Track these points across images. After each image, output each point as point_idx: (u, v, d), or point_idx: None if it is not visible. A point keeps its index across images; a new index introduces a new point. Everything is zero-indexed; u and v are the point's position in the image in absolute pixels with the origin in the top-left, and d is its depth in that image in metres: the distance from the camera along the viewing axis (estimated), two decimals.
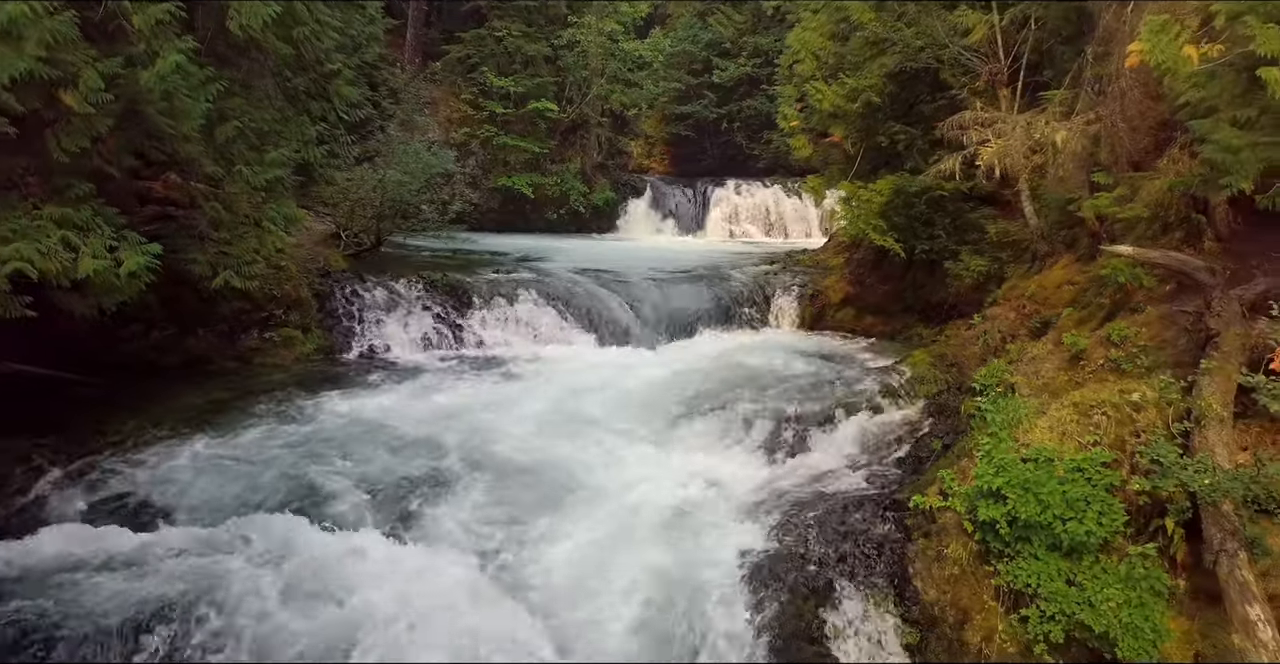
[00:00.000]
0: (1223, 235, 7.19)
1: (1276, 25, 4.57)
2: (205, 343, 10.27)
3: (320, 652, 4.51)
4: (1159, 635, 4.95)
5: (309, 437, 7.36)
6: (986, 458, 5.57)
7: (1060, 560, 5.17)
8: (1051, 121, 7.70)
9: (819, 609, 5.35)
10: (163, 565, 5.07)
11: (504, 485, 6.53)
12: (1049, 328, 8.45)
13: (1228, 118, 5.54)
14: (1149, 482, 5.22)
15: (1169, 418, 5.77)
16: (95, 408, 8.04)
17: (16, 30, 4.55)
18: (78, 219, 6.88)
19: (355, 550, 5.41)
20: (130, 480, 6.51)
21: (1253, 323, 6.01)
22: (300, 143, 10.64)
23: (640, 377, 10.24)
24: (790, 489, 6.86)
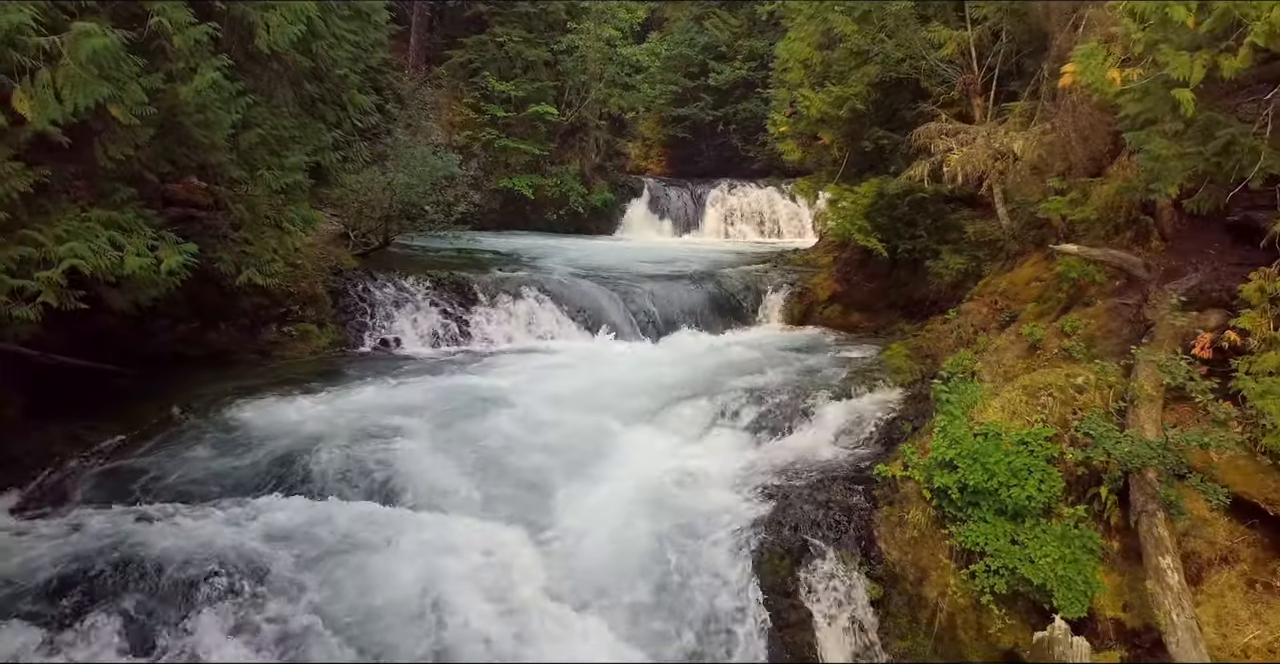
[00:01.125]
0: (1168, 235, 7.86)
1: (1186, 52, 5.24)
2: (228, 337, 10.94)
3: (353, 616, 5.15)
4: (1090, 587, 5.63)
5: (332, 420, 8.02)
6: (942, 433, 6.25)
7: (1005, 523, 5.85)
8: (1011, 131, 8.39)
9: (794, 568, 6.03)
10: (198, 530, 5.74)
11: (515, 463, 7.20)
12: (1015, 321, 9.12)
13: (1158, 130, 6.22)
14: (1083, 452, 5.90)
15: (1108, 398, 6.44)
16: (131, 395, 8.69)
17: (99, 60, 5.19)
18: (122, 220, 7.52)
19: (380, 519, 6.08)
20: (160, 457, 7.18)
21: (1185, 313, 6.69)
22: (316, 148, 11.30)
23: (637, 368, 10.94)
24: (773, 466, 7.53)
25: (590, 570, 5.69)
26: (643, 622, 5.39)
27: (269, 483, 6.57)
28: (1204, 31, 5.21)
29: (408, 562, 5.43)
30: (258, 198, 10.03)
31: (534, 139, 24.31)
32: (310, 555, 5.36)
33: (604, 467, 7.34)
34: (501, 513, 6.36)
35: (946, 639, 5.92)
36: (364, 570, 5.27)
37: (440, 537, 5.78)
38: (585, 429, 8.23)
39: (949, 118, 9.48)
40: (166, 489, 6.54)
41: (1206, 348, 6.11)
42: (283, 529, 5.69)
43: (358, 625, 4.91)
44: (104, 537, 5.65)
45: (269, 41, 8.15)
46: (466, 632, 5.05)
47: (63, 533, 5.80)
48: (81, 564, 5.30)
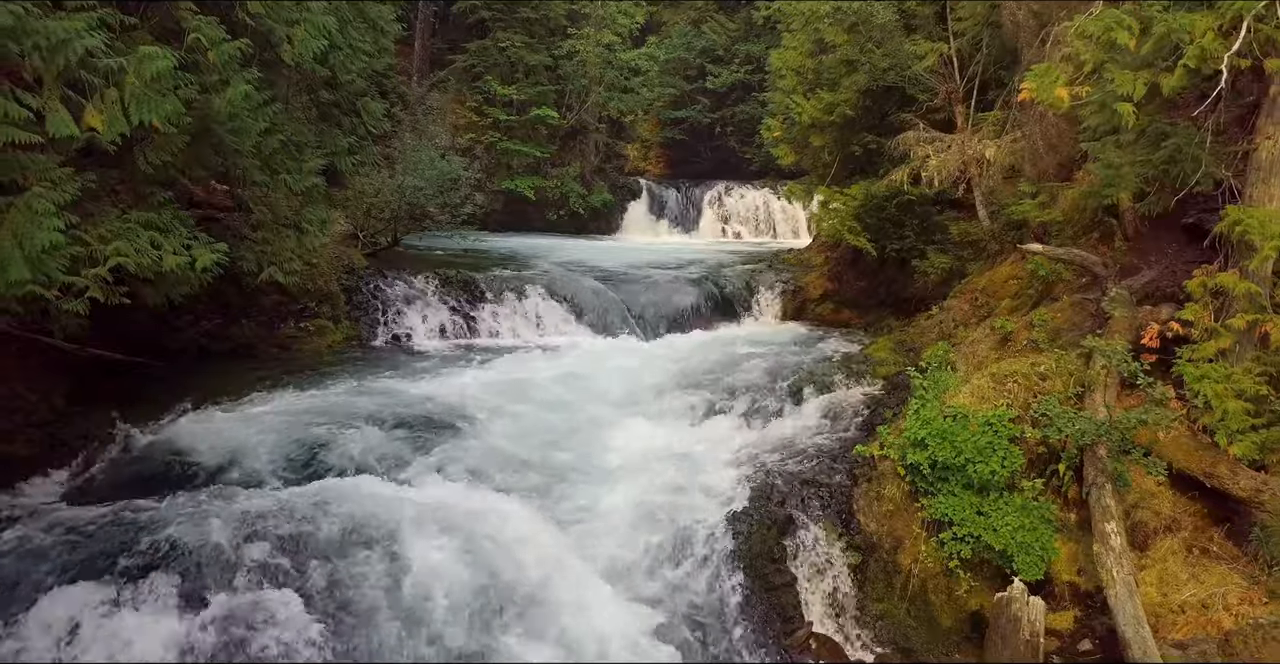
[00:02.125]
0: (1130, 236, 8.47)
1: (1130, 71, 5.84)
2: (249, 332, 11.50)
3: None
4: (1047, 553, 6.23)
5: (356, 406, 8.61)
6: (915, 415, 6.86)
7: (972, 496, 6.45)
8: (985, 139, 9.00)
9: (780, 537, 6.63)
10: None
11: (530, 444, 7.81)
12: (992, 316, 9.73)
13: (1113, 140, 6.83)
14: (1041, 431, 6.50)
15: (1068, 384, 7.05)
16: (163, 385, 9.26)
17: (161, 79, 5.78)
18: (159, 221, 8.10)
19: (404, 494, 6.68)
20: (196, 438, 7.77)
21: (1140, 307, 7.30)
22: (331, 153, 11.89)
23: (637, 361, 11.54)
24: (763, 449, 8.13)
25: (602, 536, 6.31)
26: (647, 581, 5.99)
27: (303, 461, 7.17)
28: (1145, 53, 5.82)
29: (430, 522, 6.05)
30: (278, 200, 10.62)
31: (535, 142, 24.89)
32: (345, 522, 5.95)
33: (609, 449, 7.95)
34: (520, 486, 6.97)
35: (919, 601, 6.52)
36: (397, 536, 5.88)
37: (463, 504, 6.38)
38: (591, 416, 8.84)
39: (926, 126, 10.08)
40: (206, 466, 7.12)
41: (1154, 337, 6.72)
42: (315, 500, 6.28)
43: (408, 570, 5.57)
44: (151, 509, 6.23)
45: (294, 55, 8.73)
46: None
47: (113, 507, 6.37)
48: (135, 533, 5.88)
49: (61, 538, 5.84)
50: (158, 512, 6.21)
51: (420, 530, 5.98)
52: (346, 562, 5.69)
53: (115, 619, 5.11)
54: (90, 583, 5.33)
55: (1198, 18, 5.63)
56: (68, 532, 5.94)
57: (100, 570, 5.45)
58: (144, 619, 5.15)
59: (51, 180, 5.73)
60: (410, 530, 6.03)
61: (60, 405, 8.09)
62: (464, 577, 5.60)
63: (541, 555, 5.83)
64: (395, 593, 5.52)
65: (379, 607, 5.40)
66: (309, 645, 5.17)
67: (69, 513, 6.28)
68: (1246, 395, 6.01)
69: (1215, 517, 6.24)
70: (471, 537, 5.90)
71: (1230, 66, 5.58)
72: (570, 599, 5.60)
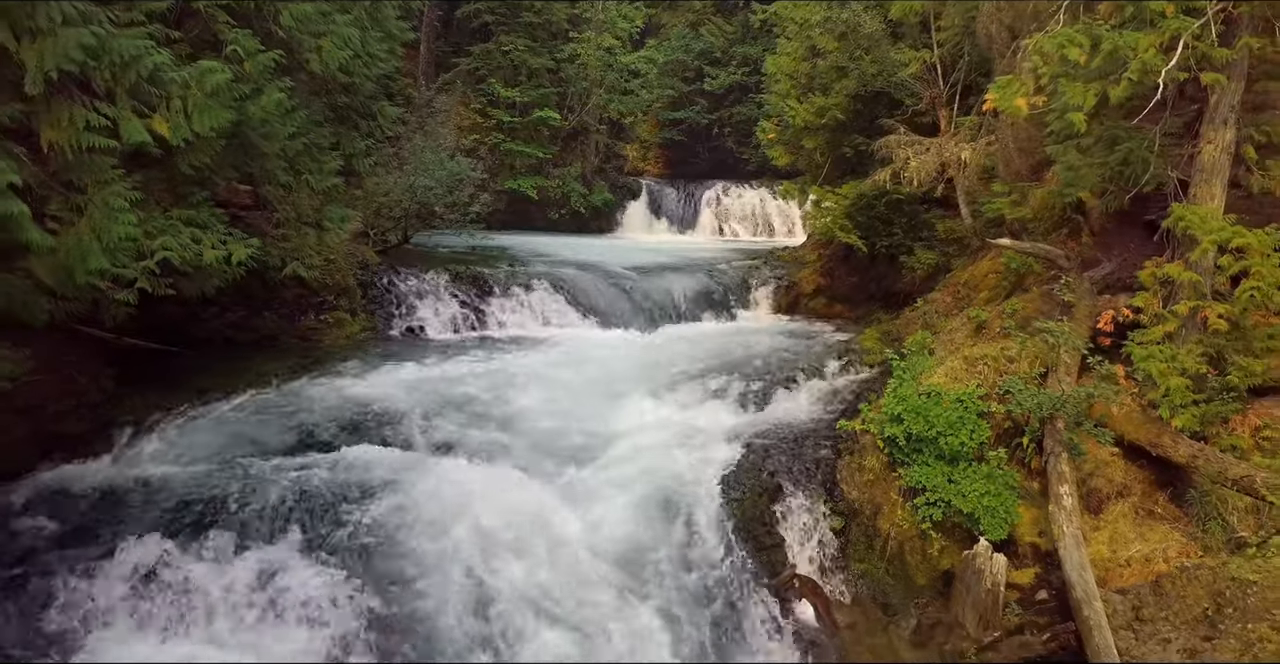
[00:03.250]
0: (1095, 231, 9.16)
1: (1081, 83, 6.53)
2: (271, 323, 12.17)
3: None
4: (1010, 516, 6.92)
5: (380, 390, 9.29)
6: (893, 393, 7.54)
7: (944, 465, 7.14)
8: (961, 143, 9.68)
9: (770, 503, 7.32)
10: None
11: (543, 425, 8.50)
12: (970, 306, 10.41)
13: (1073, 144, 7.52)
14: (1005, 406, 7.19)
15: (1033, 366, 7.74)
16: (196, 372, 9.91)
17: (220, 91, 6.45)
18: (198, 219, 8.77)
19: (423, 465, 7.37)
20: (236, 416, 8.45)
21: (1100, 296, 7.99)
22: (349, 155, 12.55)
23: (639, 351, 12.22)
24: (757, 429, 8.79)
25: (608, 499, 7.00)
26: (650, 541, 6.67)
27: (337, 437, 7.85)
28: (1095, 67, 6.51)
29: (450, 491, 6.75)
30: (301, 199, 11.29)
31: (537, 143, 25.58)
32: (391, 486, 6.65)
33: (613, 427, 8.63)
34: (532, 458, 7.66)
35: (896, 561, 7.21)
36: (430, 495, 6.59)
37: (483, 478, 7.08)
38: (598, 400, 9.51)
39: (907, 130, 10.76)
40: (250, 440, 7.80)
41: (1109, 323, 7.41)
42: (357, 472, 6.97)
43: (405, 528, 6.25)
44: (203, 478, 6.91)
45: (321, 65, 9.40)
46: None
47: (167, 477, 7.06)
48: (191, 496, 6.57)
49: (127, 500, 6.54)
50: (208, 478, 6.90)
51: (441, 496, 6.67)
52: (378, 523, 6.38)
53: (183, 566, 5.79)
54: (157, 535, 6.01)
55: (1141, 36, 6.31)
56: (131, 494, 6.63)
57: (165, 526, 6.14)
58: (208, 567, 5.83)
59: (106, 181, 6.39)
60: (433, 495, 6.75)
61: (109, 388, 8.74)
62: (481, 521, 6.32)
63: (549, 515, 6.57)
64: (421, 535, 6.23)
65: (408, 552, 6.10)
66: (343, 591, 5.84)
67: (129, 480, 6.96)
68: (1189, 373, 6.69)
69: (1161, 482, 6.92)
70: (486, 494, 6.63)
71: (1169, 80, 6.27)
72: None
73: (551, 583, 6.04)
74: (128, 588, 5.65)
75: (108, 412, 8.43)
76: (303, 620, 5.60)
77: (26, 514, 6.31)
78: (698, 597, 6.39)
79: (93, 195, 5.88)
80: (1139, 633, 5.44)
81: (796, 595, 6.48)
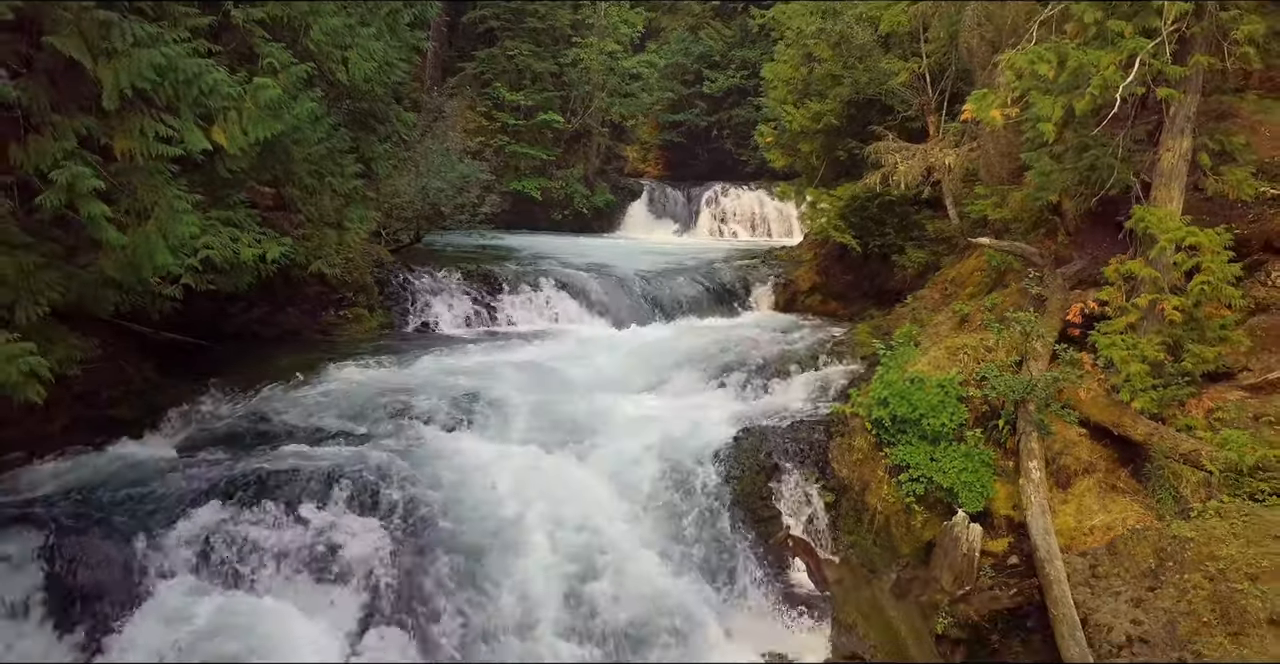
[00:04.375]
0: (1071, 231, 9.83)
1: (1050, 96, 7.20)
2: (294, 319, 12.83)
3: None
4: (986, 490, 7.59)
5: (403, 379, 9.96)
6: (880, 379, 8.22)
7: (926, 445, 7.81)
8: (945, 148, 10.36)
9: (767, 480, 8.00)
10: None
11: (557, 410, 9.16)
12: (955, 301, 11.08)
13: (1046, 151, 8.19)
14: (981, 391, 7.87)
15: (1010, 355, 8.42)
16: (226, 364, 10.56)
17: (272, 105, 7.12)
18: (235, 219, 9.43)
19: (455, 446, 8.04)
20: (274, 402, 9.11)
21: (1071, 291, 8.67)
22: (369, 158, 13.20)
23: (643, 345, 12.86)
24: (755, 414, 9.45)
25: (619, 475, 7.68)
26: (660, 513, 7.36)
27: (368, 419, 8.51)
28: (1062, 82, 7.18)
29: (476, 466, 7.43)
30: (324, 201, 11.95)
31: (541, 145, 26.26)
32: (422, 463, 7.32)
33: (621, 412, 9.29)
34: (548, 439, 8.34)
35: (883, 533, 7.89)
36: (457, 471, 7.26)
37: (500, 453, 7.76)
38: (604, 387, 10.19)
39: (895, 136, 11.44)
40: (283, 422, 8.47)
41: (1077, 315, 8.08)
42: (389, 451, 7.64)
43: (448, 499, 6.94)
44: (253, 456, 7.59)
45: (348, 76, 10.06)
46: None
47: (215, 454, 7.74)
48: (242, 470, 7.22)
49: (184, 473, 7.19)
50: (254, 456, 7.57)
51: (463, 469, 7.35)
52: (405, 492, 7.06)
53: (240, 531, 6.45)
54: (215, 505, 6.67)
55: (1103, 54, 6.98)
56: (188, 469, 7.30)
57: (221, 496, 6.78)
58: (262, 531, 6.50)
59: (168, 185, 7.06)
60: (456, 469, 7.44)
61: (153, 377, 9.40)
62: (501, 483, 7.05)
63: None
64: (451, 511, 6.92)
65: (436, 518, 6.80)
66: (379, 548, 6.53)
67: (183, 457, 7.63)
68: (1148, 360, 7.35)
69: (1123, 460, 7.59)
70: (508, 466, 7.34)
71: (1127, 94, 6.94)
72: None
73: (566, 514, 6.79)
74: (193, 547, 6.31)
75: (155, 398, 9.08)
76: (348, 577, 6.27)
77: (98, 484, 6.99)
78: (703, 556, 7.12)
79: (158, 198, 6.52)
80: (1095, 587, 6.10)
81: (790, 554, 7.15)
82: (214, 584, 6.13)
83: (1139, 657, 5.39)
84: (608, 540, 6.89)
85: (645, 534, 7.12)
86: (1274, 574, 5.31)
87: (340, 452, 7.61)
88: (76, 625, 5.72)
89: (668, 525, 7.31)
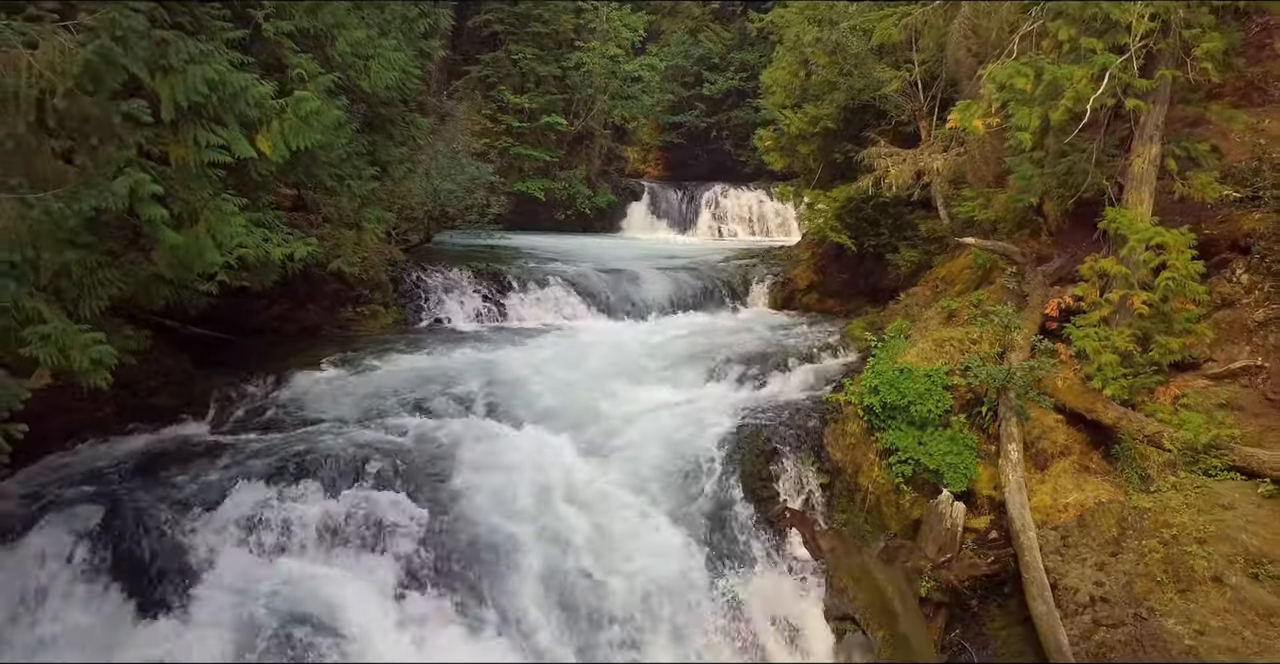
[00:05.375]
0: (1053, 231, 10.44)
1: (1027, 107, 7.80)
2: (314, 315, 13.40)
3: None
4: (970, 471, 8.18)
5: (420, 369, 10.55)
6: (871, 369, 8.82)
7: (914, 430, 8.41)
8: (934, 153, 10.98)
9: (767, 464, 8.60)
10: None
11: (569, 398, 9.76)
12: (944, 297, 11.69)
13: (1026, 157, 8.80)
14: (965, 379, 8.47)
15: (993, 346, 9.02)
16: (254, 357, 11.14)
17: (311, 116, 7.72)
18: (265, 220, 10.02)
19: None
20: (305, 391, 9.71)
21: (1051, 287, 9.27)
22: (384, 161, 13.78)
23: (647, 341, 13.45)
24: (754, 404, 10.05)
25: (628, 460, 8.29)
26: (671, 492, 7.97)
27: (391, 406, 9.11)
28: (1039, 94, 7.78)
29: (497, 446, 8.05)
30: (342, 202, 12.53)
31: (545, 147, 26.86)
32: (445, 444, 7.92)
33: (628, 402, 9.90)
34: (559, 425, 8.94)
35: (874, 512, 8.49)
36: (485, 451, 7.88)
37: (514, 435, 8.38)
38: (612, 379, 10.77)
39: (887, 142, 12.06)
40: (314, 409, 9.07)
41: (1054, 309, 8.69)
42: (415, 434, 8.24)
43: (472, 475, 7.56)
44: (289, 440, 8.19)
45: (371, 84, 10.65)
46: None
47: (254, 438, 8.34)
48: (281, 452, 7.82)
49: (228, 456, 7.80)
50: (291, 439, 8.16)
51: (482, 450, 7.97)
52: (432, 470, 7.67)
53: (284, 507, 7.05)
54: (259, 484, 7.28)
55: (1076, 69, 7.58)
56: (231, 452, 7.90)
57: (264, 476, 7.39)
58: (302, 506, 7.09)
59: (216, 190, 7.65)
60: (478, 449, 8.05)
61: (189, 368, 9.98)
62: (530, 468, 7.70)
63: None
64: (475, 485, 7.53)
65: (461, 485, 7.44)
66: (413, 518, 7.14)
67: (225, 442, 8.23)
68: (1118, 351, 7.94)
69: (1095, 443, 8.18)
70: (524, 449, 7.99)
71: (1097, 106, 7.55)
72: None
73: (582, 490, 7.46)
74: (244, 521, 6.91)
75: (191, 387, 9.67)
76: (386, 545, 6.88)
77: (152, 464, 7.59)
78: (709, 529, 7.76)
79: (207, 201, 7.11)
80: (1064, 555, 6.71)
81: (788, 525, 7.76)
82: (266, 554, 6.74)
83: (1101, 614, 6.00)
84: (621, 515, 7.49)
85: (657, 510, 7.72)
86: (1219, 538, 5.92)
87: (370, 435, 8.22)
88: (146, 589, 6.32)
89: (677, 503, 7.92)
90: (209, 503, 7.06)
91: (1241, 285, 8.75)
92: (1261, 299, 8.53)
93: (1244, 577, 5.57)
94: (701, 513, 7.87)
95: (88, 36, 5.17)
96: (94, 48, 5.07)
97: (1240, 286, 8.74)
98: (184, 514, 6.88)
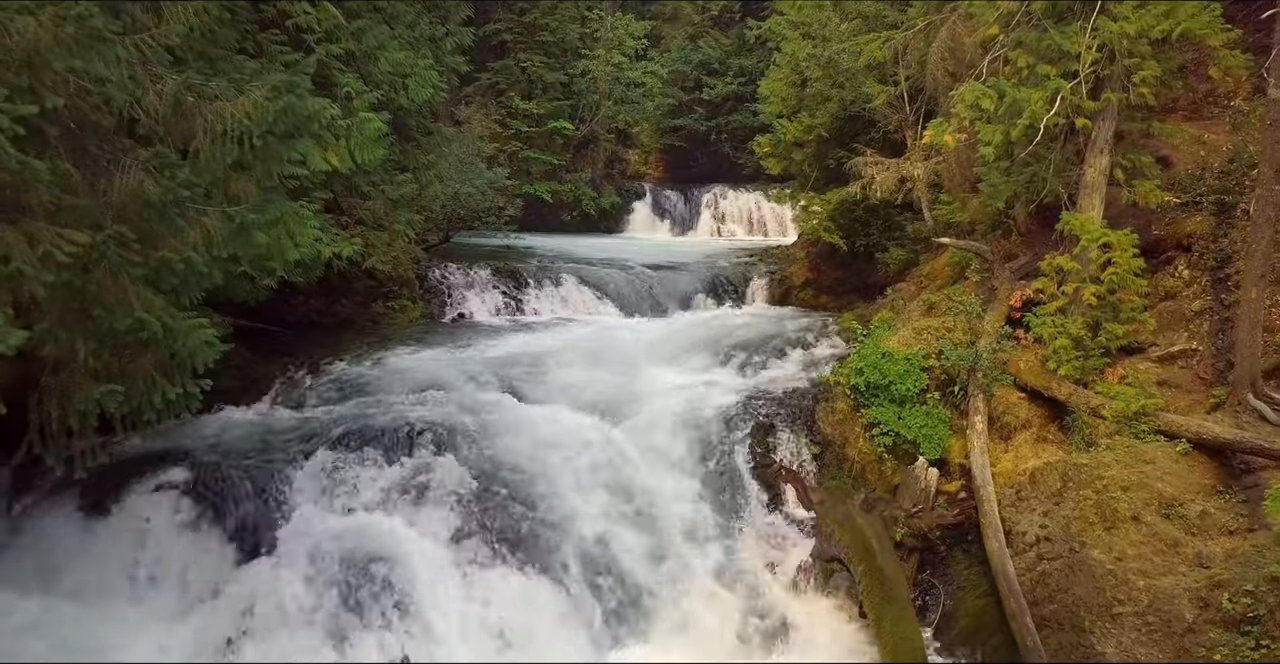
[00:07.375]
0: (1022, 232, 11.63)
1: (991, 125, 8.99)
2: (348, 309, 14.57)
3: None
4: (943, 441, 9.38)
5: (453, 356, 11.73)
6: (857, 354, 10.02)
7: (894, 406, 9.60)
8: (915, 162, 12.18)
9: (766, 437, 9.81)
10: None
11: (585, 384, 10.93)
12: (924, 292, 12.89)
13: (994, 166, 10.00)
14: (939, 362, 9.67)
15: (966, 334, 10.21)
16: (300, 346, 12.29)
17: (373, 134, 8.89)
18: (316, 223, 11.19)
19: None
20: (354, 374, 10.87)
21: (1017, 282, 10.48)
22: (413, 167, 14.98)
23: (655, 332, 14.64)
24: (755, 387, 11.22)
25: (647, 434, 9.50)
26: (683, 458, 9.18)
27: (438, 387, 10.29)
28: (1001, 113, 8.97)
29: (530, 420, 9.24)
30: (376, 205, 13.71)
31: (552, 151, 28.02)
32: (486, 416, 9.12)
33: (641, 385, 11.08)
34: (583, 405, 10.12)
35: (859, 479, 9.67)
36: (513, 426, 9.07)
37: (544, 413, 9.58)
38: (624, 366, 11.95)
39: (873, 152, 13.28)
40: (364, 390, 10.24)
41: (1018, 301, 9.89)
42: (458, 408, 9.43)
43: (509, 443, 8.76)
44: (348, 415, 9.37)
45: (408, 101, 11.83)
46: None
47: (319, 415, 9.52)
48: (341, 425, 9.00)
49: (294, 430, 8.97)
50: (351, 414, 9.34)
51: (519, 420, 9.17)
52: (477, 438, 8.86)
53: (352, 470, 8.23)
54: (326, 451, 8.45)
55: (1033, 92, 8.77)
56: (297, 427, 9.07)
57: (329, 445, 8.56)
58: (367, 470, 8.28)
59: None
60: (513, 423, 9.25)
61: (246, 355, 11.13)
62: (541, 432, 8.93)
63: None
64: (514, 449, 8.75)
65: (504, 453, 8.63)
66: (462, 479, 8.32)
67: (290, 418, 9.41)
68: (1071, 336, 9.13)
69: (1052, 417, 9.36)
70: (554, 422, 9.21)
71: (1051, 124, 8.74)
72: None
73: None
74: (315, 481, 8.09)
75: (250, 371, 10.84)
76: (439, 500, 8.07)
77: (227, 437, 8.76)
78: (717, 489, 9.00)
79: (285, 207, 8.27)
80: (1018, 507, 7.90)
81: (783, 481, 8.97)
82: (336, 508, 7.91)
83: (1044, 550, 7.20)
84: (641, 476, 8.70)
85: (671, 473, 8.92)
86: (1140, 486, 7.11)
87: (420, 410, 9.40)
88: (239, 534, 7.50)
89: (689, 467, 9.12)
90: (285, 466, 8.24)
91: (1183, 280, 9.95)
92: (1199, 291, 9.73)
93: (1157, 516, 6.75)
94: (712, 474, 9.07)
95: (270, 92, 6.37)
96: (284, 102, 6.27)
97: (1181, 281, 9.94)
98: (267, 476, 8.04)
